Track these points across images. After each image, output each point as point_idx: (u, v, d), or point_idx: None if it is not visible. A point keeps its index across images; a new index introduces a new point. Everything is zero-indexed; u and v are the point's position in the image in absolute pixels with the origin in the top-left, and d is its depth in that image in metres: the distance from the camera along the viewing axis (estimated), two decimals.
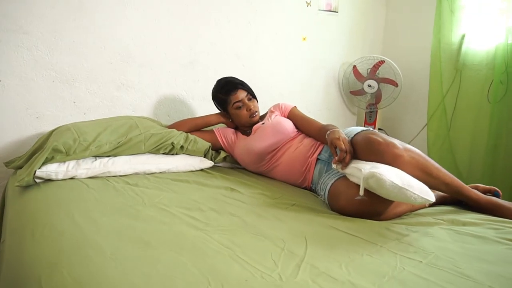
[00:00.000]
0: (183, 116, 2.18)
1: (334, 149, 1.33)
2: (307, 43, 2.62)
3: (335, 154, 1.32)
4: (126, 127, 1.59)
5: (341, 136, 1.33)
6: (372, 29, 2.96)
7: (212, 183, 1.48)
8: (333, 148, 1.34)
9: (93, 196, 1.25)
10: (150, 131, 1.60)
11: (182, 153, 1.68)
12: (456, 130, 2.53)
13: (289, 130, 1.69)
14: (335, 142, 1.31)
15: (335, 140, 1.32)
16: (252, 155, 1.67)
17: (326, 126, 1.57)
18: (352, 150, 1.29)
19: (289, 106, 1.82)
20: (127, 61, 1.96)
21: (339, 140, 1.30)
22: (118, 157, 1.53)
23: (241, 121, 1.78)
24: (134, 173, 1.53)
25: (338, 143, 1.30)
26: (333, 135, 1.36)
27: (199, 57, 2.18)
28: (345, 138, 1.32)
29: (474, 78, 2.43)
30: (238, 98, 1.74)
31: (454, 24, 2.49)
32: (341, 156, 1.27)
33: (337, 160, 1.27)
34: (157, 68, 2.05)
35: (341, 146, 1.28)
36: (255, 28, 2.35)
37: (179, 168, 1.63)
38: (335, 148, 1.33)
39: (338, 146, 1.29)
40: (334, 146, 1.33)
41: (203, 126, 1.83)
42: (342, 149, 1.27)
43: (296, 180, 1.63)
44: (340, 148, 1.28)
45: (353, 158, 1.31)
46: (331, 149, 1.35)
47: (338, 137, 1.32)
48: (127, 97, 1.99)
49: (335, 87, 2.87)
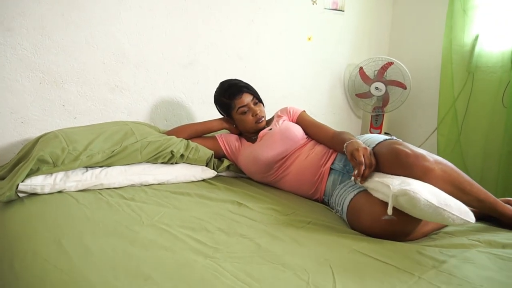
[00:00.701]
0: (181, 120, 2.04)
1: (355, 161, 1.20)
2: (312, 43, 2.49)
3: (356, 166, 1.18)
4: (121, 134, 1.44)
5: (360, 147, 1.20)
6: (379, 29, 2.84)
7: (216, 196, 1.34)
8: (353, 160, 1.21)
9: (83, 213, 1.10)
10: (147, 139, 1.46)
11: (182, 162, 1.54)
12: (468, 135, 2.42)
13: (298, 137, 1.56)
14: (355, 154, 1.18)
15: (354, 152, 1.19)
16: (258, 164, 1.53)
17: (341, 134, 1.44)
18: (374, 163, 1.16)
19: (297, 111, 1.69)
20: (121, 61, 1.81)
21: (358, 152, 1.17)
22: (112, 167, 1.38)
23: (246, 127, 1.64)
24: (129, 185, 1.38)
25: (357, 155, 1.17)
26: (352, 146, 1.23)
27: (198, 58, 2.03)
28: (365, 149, 1.19)
29: (487, 81, 2.32)
30: (243, 102, 1.60)
31: (467, 24, 2.38)
32: (360, 170, 1.13)
33: (357, 175, 1.14)
34: (154, 69, 1.91)
35: (360, 159, 1.15)
36: (257, 27, 2.22)
37: (179, 178, 1.49)
38: (356, 160, 1.20)
39: (357, 159, 1.16)
40: (354, 157, 1.20)
41: (204, 132, 1.69)
42: (361, 162, 1.14)
43: (307, 191, 1.49)
44: (359, 161, 1.15)
45: (375, 170, 1.18)
46: (351, 162, 1.22)
47: (357, 148, 1.19)
48: (121, 100, 1.84)
49: (340, 90, 2.75)
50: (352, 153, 1.20)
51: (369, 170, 1.14)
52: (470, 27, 2.38)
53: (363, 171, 1.13)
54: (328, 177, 1.46)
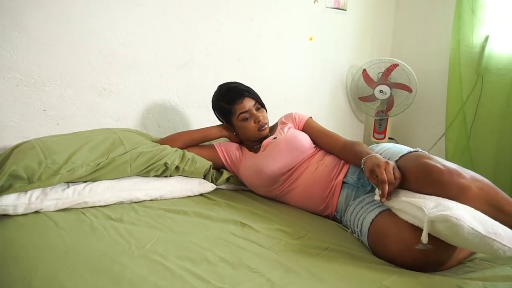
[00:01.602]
0: (175, 126, 1.88)
1: (375, 179, 1.05)
2: (314, 44, 2.35)
3: (379, 185, 1.03)
4: (107, 144, 1.28)
5: (381, 162, 1.05)
6: (382, 29, 2.71)
7: (216, 215, 1.19)
8: (374, 178, 1.06)
9: (62, 241, 0.94)
10: (138, 149, 1.29)
11: (178, 175, 1.37)
12: (477, 141, 2.30)
13: (306, 147, 1.41)
14: (376, 170, 1.03)
15: (375, 169, 1.04)
16: (262, 177, 1.38)
17: (354, 145, 1.30)
18: (400, 177, 1.02)
19: (304, 117, 1.54)
20: (109, 61, 1.64)
21: (379, 168, 1.03)
22: (98, 182, 1.22)
23: (248, 135, 1.49)
24: (118, 203, 1.22)
25: (379, 172, 1.02)
26: (372, 161, 1.09)
27: (194, 58, 1.87)
28: (387, 164, 1.04)
29: (498, 84, 2.20)
30: (245, 107, 1.45)
31: (475, 25, 2.26)
32: (384, 189, 0.99)
33: (382, 195, 1.00)
34: (146, 70, 1.74)
35: (383, 177, 1.00)
36: (257, 26, 2.07)
37: (174, 193, 1.33)
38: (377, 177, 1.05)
39: (379, 177, 1.02)
40: (375, 174, 1.05)
41: (201, 141, 1.53)
42: (384, 181, 1.00)
43: (317, 207, 1.35)
44: (382, 179, 1.01)
45: (400, 187, 1.03)
46: (371, 180, 1.08)
47: (378, 164, 1.04)
48: (109, 104, 1.67)
49: (342, 92, 2.61)
50: (373, 169, 1.06)
51: (392, 186, 1.00)
52: (479, 27, 2.26)
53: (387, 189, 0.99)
54: (341, 191, 1.31)
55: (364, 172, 1.13)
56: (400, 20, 2.75)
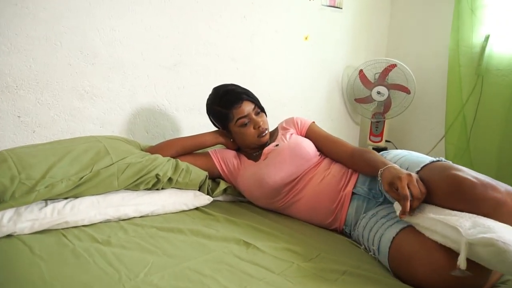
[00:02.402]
0: (165, 131, 1.74)
1: (395, 192, 0.95)
2: (309, 43, 2.24)
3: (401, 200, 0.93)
4: (91, 154, 1.13)
5: (402, 174, 0.94)
6: (378, 28, 2.63)
7: (216, 233, 1.06)
8: (393, 192, 0.95)
9: (37, 271, 0.80)
10: (126, 159, 1.15)
11: (171, 187, 1.24)
12: (477, 144, 2.24)
13: (311, 154, 1.30)
14: (397, 184, 0.93)
15: (396, 182, 0.93)
16: (264, 187, 1.26)
17: (365, 153, 1.20)
18: (425, 192, 0.92)
19: (306, 122, 1.43)
20: (92, 62, 1.49)
21: (401, 181, 0.92)
22: (81, 199, 1.08)
23: (247, 142, 1.37)
24: (104, 221, 1.08)
25: (401, 186, 0.91)
26: (391, 173, 0.98)
27: (184, 58, 1.74)
28: (410, 177, 0.93)
29: (498, 85, 2.14)
30: (243, 112, 1.33)
31: (475, 25, 2.20)
32: (406, 206, 0.88)
33: (403, 212, 0.89)
34: (132, 72, 1.60)
35: (405, 192, 0.90)
36: (251, 24, 1.95)
37: (166, 208, 1.19)
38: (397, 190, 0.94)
39: (401, 191, 0.91)
40: (396, 188, 0.94)
41: (195, 148, 1.40)
42: (407, 197, 0.89)
43: (323, 220, 1.24)
44: (404, 194, 0.90)
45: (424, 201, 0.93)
46: (390, 194, 0.97)
47: (399, 176, 0.93)
48: (92, 109, 1.53)
49: (338, 94, 2.51)
50: (392, 182, 0.95)
51: (418, 202, 0.89)
52: (479, 27, 2.19)
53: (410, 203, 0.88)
54: (350, 203, 1.20)
55: (381, 185, 1.02)
56: (396, 19, 2.67)
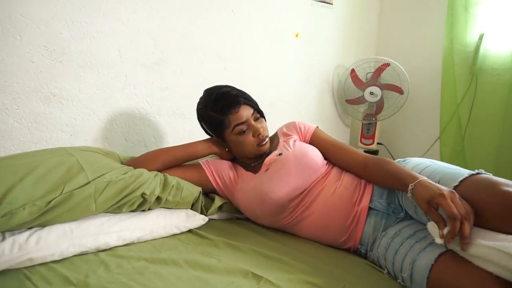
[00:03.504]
0: (147, 138, 1.54)
1: (434, 212, 0.81)
2: (300, 41, 2.09)
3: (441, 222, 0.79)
4: (61, 171, 0.93)
5: (444, 191, 0.80)
6: (369, 26, 2.52)
7: (217, 264, 0.88)
8: (432, 210, 0.81)
9: None
10: (105, 177, 0.96)
11: (159, 207, 1.05)
12: (472, 145, 2.17)
13: (319, 164, 1.15)
14: (440, 201, 0.78)
15: (439, 200, 0.79)
16: (268, 204, 1.09)
17: (383, 162, 1.07)
18: (473, 214, 0.78)
19: (310, 127, 1.27)
20: (59, 59, 1.28)
21: (445, 199, 0.78)
22: (49, 228, 0.87)
23: (245, 152, 1.20)
24: (79, 254, 0.88)
25: (446, 204, 0.77)
26: (427, 189, 0.84)
27: (167, 56, 1.55)
28: (453, 194, 0.79)
29: (494, 85, 2.07)
30: (241, 118, 1.15)
31: (469, 23, 2.13)
32: (456, 227, 0.74)
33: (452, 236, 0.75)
34: (108, 71, 1.39)
35: (453, 211, 0.76)
36: (239, 19, 1.78)
37: (155, 233, 1.00)
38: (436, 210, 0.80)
39: (449, 211, 0.77)
40: (435, 207, 0.80)
41: (185, 160, 1.21)
42: (457, 217, 0.75)
43: (336, 238, 1.08)
44: (454, 214, 0.76)
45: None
46: (429, 214, 0.83)
47: (441, 193, 0.79)
48: (61, 114, 1.31)
49: (329, 94, 2.38)
50: (432, 199, 0.80)
51: (467, 224, 0.75)
52: (473, 25, 2.12)
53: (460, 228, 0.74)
54: (366, 219, 1.06)
55: (416, 203, 0.88)
56: (386, 16, 2.57)
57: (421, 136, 2.42)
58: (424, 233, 0.92)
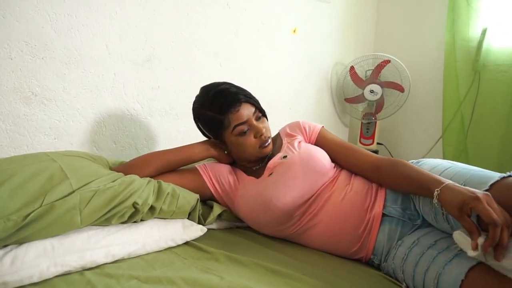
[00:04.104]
0: (138, 141, 1.44)
1: (468, 220, 0.72)
2: (298, 37, 2.01)
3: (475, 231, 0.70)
4: (42, 180, 0.82)
5: (479, 194, 0.71)
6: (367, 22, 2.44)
7: (219, 282, 0.78)
8: (466, 218, 0.73)
9: None
10: (92, 185, 0.85)
11: (153, 218, 0.95)
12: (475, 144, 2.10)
13: (327, 167, 1.06)
14: (475, 205, 0.70)
15: (473, 203, 0.70)
16: (272, 212, 1.00)
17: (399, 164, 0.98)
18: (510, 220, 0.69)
19: (316, 127, 1.18)
20: (41, 56, 1.17)
21: (481, 203, 0.69)
22: (27, 245, 0.76)
23: (246, 154, 1.10)
24: (63, 274, 0.77)
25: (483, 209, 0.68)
26: (458, 193, 0.74)
27: (159, 52, 1.45)
28: (489, 198, 0.71)
29: (497, 81, 2.01)
30: (242, 117, 1.06)
31: (472, 17, 2.06)
32: (496, 235, 0.66)
33: (489, 244, 0.66)
34: (95, 69, 1.29)
35: (493, 216, 0.67)
36: (235, 13, 1.68)
37: (148, 247, 0.90)
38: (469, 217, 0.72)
39: (484, 215, 0.68)
40: (467, 213, 0.72)
41: (181, 164, 1.11)
42: (497, 222, 0.66)
43: (347, 248, 1.00)
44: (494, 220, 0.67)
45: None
46: (461, 221, 0.74)
47: (475, 197, 0.71)
48: (43, 116, 1.20)
49: (327, 93, 2.30)
50: (466, 205, 0.72)
51: (508, 234, 0.67)
52: (476, 19, 2.06)
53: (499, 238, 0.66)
54: (380, 227, 0.97)
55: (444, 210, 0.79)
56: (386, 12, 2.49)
57: (423, 135, 2.34)
58: (447, 242, 0.84)
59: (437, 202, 0.79)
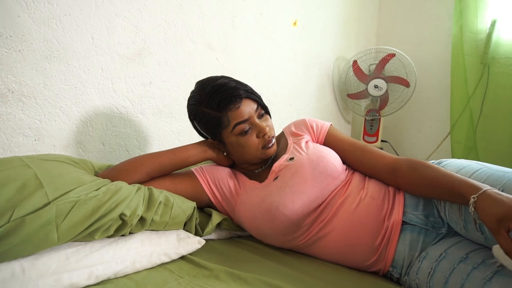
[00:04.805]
0: (127, 142, 1.32)
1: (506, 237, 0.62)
2: (298, 30, 1.89)
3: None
4: (12, 190, 0.70)
5: None
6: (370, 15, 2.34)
7: None
8: (504, 234, 0.62)
9: None
10: (71, 195, 0.73)
11: (144, 230, 0.84)
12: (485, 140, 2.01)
13: (339, 170, 0.95)
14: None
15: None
16: (279, 221, 0.89)
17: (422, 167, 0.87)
18: None
19: (324, 125, 1.07)
20: (18, 48, 1.05)
21: None
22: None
23: (247, 156, 0.99)
24: None
25: None
26: (500, 202, 0.64)
27: (150, 45, 1.33)
28: None
29: (507, 75, 1.93)
30: (243, 115, 0.94)
31: (480, 8, 1.97)
32: None
33: None
34: (80, 63, 1.17)
35: None
36: (232, 5, 1.56)
37: (138, 264, 0.78)
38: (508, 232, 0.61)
39: None
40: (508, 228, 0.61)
41: (175, 168, 0.99)
42: None
43: (363, 260, 0.89)
44: None
45: None
46: (498, 235, 0.63)
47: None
48: (22, 115, 1.08)
49: (329, 88, 2.19)
50: (508, 220, 0.61)
51: None
52: (484, 11, 1.96)
53: None
54: (400, 236, 0.86)
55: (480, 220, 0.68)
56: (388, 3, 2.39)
57: (429, 132, 2.25)
58: (481, 255, 0.73)
59: (474, 211, 0.68)
